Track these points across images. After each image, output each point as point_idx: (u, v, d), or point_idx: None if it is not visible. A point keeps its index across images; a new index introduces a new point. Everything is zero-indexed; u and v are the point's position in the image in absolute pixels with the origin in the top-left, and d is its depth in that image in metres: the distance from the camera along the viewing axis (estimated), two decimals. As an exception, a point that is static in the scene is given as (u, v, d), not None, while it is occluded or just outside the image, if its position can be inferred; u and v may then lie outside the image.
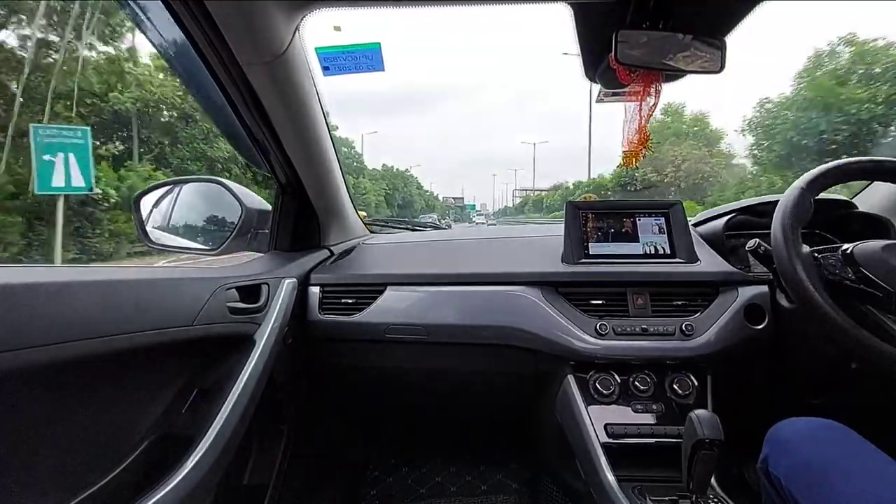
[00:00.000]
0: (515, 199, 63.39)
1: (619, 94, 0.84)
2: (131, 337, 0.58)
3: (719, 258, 1.01)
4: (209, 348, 0.76)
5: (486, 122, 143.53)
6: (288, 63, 0.78)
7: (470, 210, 61.87)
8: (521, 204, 56.49)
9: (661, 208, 1.06)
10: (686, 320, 0.92)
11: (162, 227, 1.07)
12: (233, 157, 13.52)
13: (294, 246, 1.11)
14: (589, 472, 0.84)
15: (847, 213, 1.08)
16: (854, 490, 0.56)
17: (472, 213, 58.29)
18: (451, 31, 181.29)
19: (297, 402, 1.02)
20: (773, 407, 0.96)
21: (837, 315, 0.69)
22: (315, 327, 1.03)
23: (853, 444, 0.63)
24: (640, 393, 0.90)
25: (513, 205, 63.22)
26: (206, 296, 0.73)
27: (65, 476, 0.55)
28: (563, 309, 0.95)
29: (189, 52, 0.72)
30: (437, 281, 1.04)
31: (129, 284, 0.61)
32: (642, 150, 0.83)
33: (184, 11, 0.65)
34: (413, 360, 1.05)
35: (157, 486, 0.59)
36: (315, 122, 0.94)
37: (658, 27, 0.69)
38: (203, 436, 0.67)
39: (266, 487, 0.93)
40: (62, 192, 5.38)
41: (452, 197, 66.79)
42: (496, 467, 1.43)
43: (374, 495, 1.35)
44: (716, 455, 0.64)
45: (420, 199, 54.50)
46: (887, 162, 0.80)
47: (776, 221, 0.77)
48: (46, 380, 0.50)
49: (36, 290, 0.48)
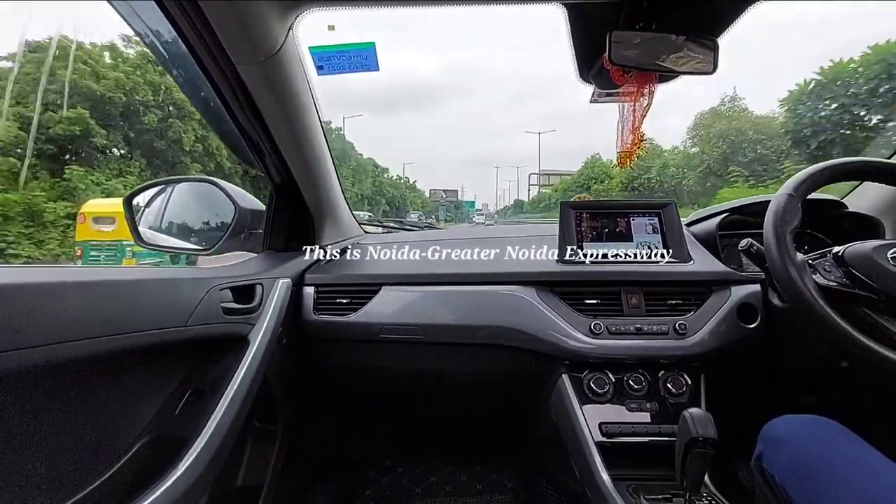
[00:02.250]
0: (532, 188, 46.27)
1: (614, 95, 0.85)
2: (125, 337, 0.57)
3: (712, 258, 1.02)
4: (203, 349, 0.76)
5: (488, 120, 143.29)
6: (282, 63, 0.78)
7: (468, 208, 51.00)
8: (536, 200, 41.18)
9: (654, 208, 1.07)
10: (679, 319, 0.92)
11: (154, 226, 1.06)
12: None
13: (288, 246, 1.11)
14: (584, 471, 0.84)
15: (837, 212, 1.09)
16: (847, 486, 0.57)
17: (471, 211, 48.57)
18: (450, 27, 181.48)
19: (291, 403, 1.02)
20: (765, 405, 0.96)
21: (833, 319, 0.70)
22: (309, 328, 1.03)
23: (846, 440, 0.64)
24: (635, 392, 0.90)
25: (528, 198, 46.63)
26: (200, 296, 0.73)
27: (59, 477, 0.55)
28: (557, 308, 0.95)
29: (182, 52, 0.71)
30: (431, 281, 1.04)
31: (123, 285, 0.61)
32: (636, 151, 0.83)
33: (177, 11, 0.64)
34: (407, 360, 1.05)
35: (152, 487, 0.59)
36: (309, 121, 0.94)
37: (651, 28, 0.69)
38: (197, 436, 0.66)
39: (260, 488, 0.92)
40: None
41: (442, 190, 47.04)
42: (491, 467, 1.43)
43: (369, 495, 1.35)
44: (709, 453, 0.65)
45: (392, 192, 36.03)
46: (874, 162, 0.81)
47: (767, 228, 0.78)
48: (40, 380, 0.50)
49: (28, 291, 0.48)
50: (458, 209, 52.86)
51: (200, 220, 1.11)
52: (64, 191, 8.31)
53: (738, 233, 1.05)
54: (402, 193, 40.75)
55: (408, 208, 38.23)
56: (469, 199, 61.57)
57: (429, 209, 45.44)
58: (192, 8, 0.64)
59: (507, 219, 35.21)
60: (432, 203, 47.27)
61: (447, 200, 46.38)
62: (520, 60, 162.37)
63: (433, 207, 46.08)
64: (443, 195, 45.94)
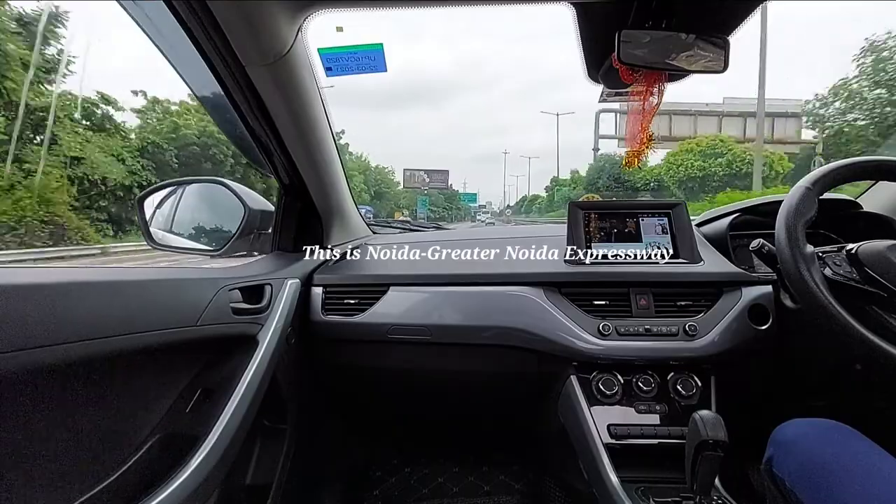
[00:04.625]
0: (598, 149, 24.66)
1: (622, 94, 0.84)
2: (136, 337, 0.58)
3: (723, 258, 1.01)
4: (213, 348, 0.76)
5: (496, 116, 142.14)
6: (290, 64, 0.78)
7: (466, 202, 39.88)
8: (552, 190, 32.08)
9: (664, 208, 1.06)
10: (689, 321, 0.91)
11: (165, 227, 1.08)
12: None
13: (297, 246, 1.12)
14: (592, 473, 0.84)
15: (852, 212, 1.07)
16: (859, 491, 0.56)
17: (473, 206, 39.80)
18: (458, 20, 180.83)
19: (299, 403, 1.02)
20: (777, 408, 0.95)
21: (842, 316, 0.68)
22: (318, 328, 1.03)
23: (858, 445, 0.63)
24: (644, 394, 0.89)
25: (546, 193, 37.46)
26: (210, 296, 0.73)
27: (70, 475, 0.56)
28: (565, 309, 0.95)
29: (192, 53, 0.72)
30: (439, 281, 1.04)
31: (134, 285, 0.61)
32: (645, 151, 0.83)
33: (186, 12, 0.65)
34: (415, 360, 1.05)
35: (162, 485, 0.59)
36: (318, 122, 0.95)
37: (661, 27, 0.69)
38: (207, 435, 0.67)
39: (269, 486, 0.93)
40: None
41: (424, 171, 26.96)
42: (499, 468, 1.43)
43: (377, 495, 1.35)
44: (719, 456, 0.64)
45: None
46: (892, 161, 0.80)
47: (780, 221, 0.77)
48: (52, 380, 0.51)
49: (42, 291, 0.48)
50: (452, 202, 39.60)
51: (210, 221, 1.12)
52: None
53: (749, 233, 1.04)
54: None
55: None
56: (468, 192, 47.79)
57: (402, 204, 32.41)
58: (202, 9, 0.64)
59: (522, 214, 31.45)
60: (407, 190, 30.71)
61: (431, 188, 27.64)
62: (528, 54, 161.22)
63: (407, 202, 31.30)
64: (424, 179, 26.16)
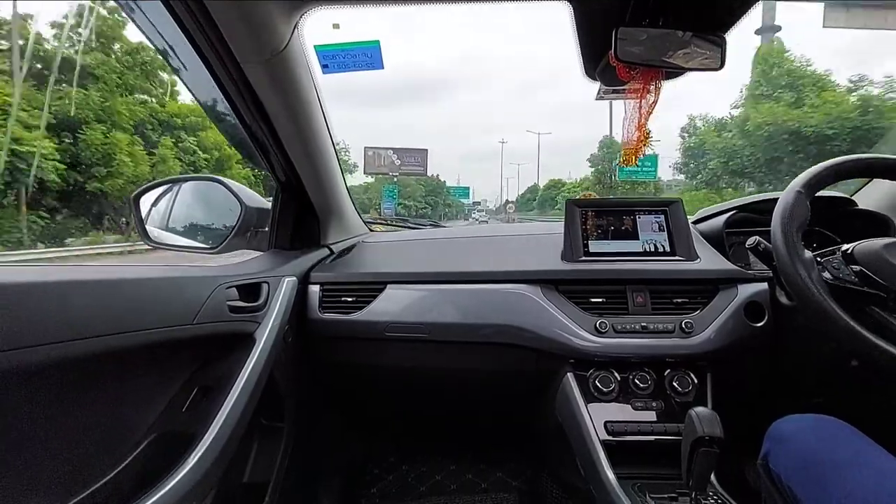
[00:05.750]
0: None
1: (619, 92, 0.84)
2: (133, 336, 0.58)
3: (719, 256, 1.01)
4: (210, 346, 0.76)
5: (491, 114, 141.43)
6: (287, 61, 0.78)
7: (456, 197, 33.31)
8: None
9: (660, 206, 1.06)
10: (686, 318, 0.92)
11: (161, 225, 1.07)
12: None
13: (294, 244, 1.11)
14: (589, 469, 0.84)
15: (847, 210, 1.08)
16: (854, 486, 0.56)
17: (465, 202, 34.30)
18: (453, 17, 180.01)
19: (297, 400, 1.02)
20: (772, 404, 0.96)
21: (844, 320, 0.68)
22: (315, 326, 1.03)
23: (853, 440, 0.63)
24: (640, 391, 0.90)
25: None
26: (207, 294, 0.73)
27: (67, 474, 0.55)
28: (562, 307, 0.95)
29: (188, 51, 0.72)
30: (436, 279, 1.04)
31: (130, 283, 0.61)
32: (642, 148, 0.83)
33: (182, 9, 0.64)
34: (413, 358, 1.05)
35: (159, 484, 0.59)
36: (314, 120, 0.94)
37: (658, 24, 0.69)
38: (204, 434, 0.67)
39: (267, 484, 0.93)
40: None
41: (392, 149, 15.94)
42: (496, 465, 1.43)
43: (374, 493, 1.35)
44: (715, 452, 0.64)
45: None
46: (884, 159, 0.80)
47: (775, 225, 0.77)
48: (48, 379, 0.51)
49: (37, 290, 0.48)
50: (436, 196, 31.01)
51: (207, 219, 1.12)
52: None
53: (745, 231, 1.04)
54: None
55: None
56: (460, 185, 39.32)
57: (359, 200, 18.10)
58: (198, 7, 0.64)
59: (535, 210, 29.76)
60: (376, 180, 21.51)
61: (403, 173, 18.63)
62: (524, 50, 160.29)
63: (363, 199, 21.29)
64: (394, 161, 16.95)
